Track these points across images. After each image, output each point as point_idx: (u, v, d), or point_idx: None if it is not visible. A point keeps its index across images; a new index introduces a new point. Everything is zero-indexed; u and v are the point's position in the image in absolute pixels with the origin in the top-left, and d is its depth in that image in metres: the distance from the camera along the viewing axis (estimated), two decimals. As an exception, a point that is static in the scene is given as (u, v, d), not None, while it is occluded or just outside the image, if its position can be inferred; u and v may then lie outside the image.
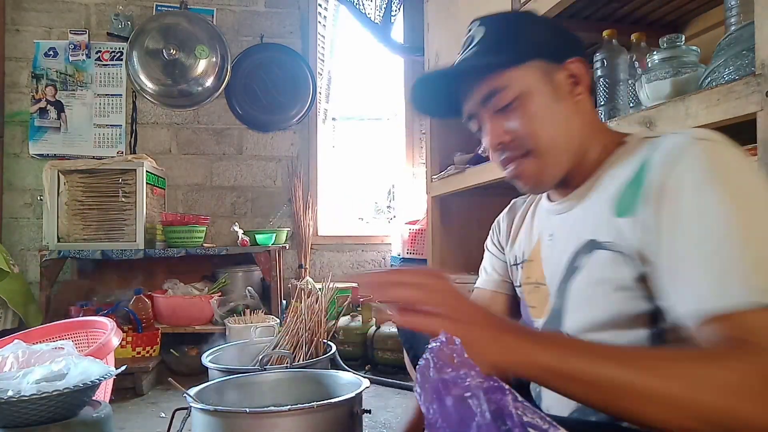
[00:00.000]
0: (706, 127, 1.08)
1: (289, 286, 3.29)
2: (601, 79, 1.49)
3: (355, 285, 3.31)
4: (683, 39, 1.30)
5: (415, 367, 1.15)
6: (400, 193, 3.89)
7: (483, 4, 2.05)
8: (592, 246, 0.84)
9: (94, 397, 1.43)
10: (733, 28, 1.16)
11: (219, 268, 3.17)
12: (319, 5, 3.85)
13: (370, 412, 1.36)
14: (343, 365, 2.30)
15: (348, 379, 1.50)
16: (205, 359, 1.81)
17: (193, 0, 3.43)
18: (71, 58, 3.31)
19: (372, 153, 4.82)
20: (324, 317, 1.99)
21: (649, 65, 1.33)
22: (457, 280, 2.35)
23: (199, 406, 1.24)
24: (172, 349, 2.72)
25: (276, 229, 3.28)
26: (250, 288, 3.05)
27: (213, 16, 3.46)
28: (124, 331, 2.50)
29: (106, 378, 1.40)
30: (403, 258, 3.19)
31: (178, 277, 3.10)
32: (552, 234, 0.96)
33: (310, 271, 3.50)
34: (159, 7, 3.40)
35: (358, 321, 2.80)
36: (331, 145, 4.76)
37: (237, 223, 3.20)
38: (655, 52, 1.32)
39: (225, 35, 3.43)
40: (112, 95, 3.36)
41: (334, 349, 1.94)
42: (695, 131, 0.77)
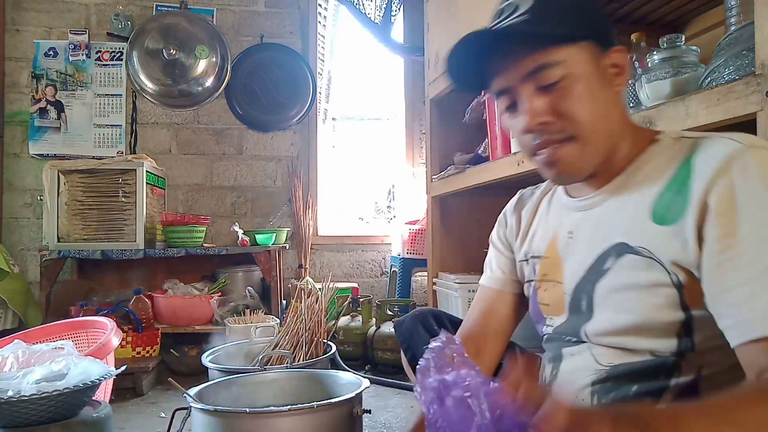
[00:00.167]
0: (705, 127, 1.08)
1: (289, 286, 3.29)
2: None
3: (355, 285, 3.31)
4: (683, 39, 1.30)
5: (413, 368, 1.15)
6: (400, 193, 3.89)
7: (483, 4, 2.04)
8: (623, 249, 0.81)
9: (94, 397, 1.44)
10: (733, 28, 1.16)
11: (219, 268, 3.17)
12: (319, 5, 3.85)
13: (370, 412, 1.37)
14: (343, 365, 2.30)
15: (348, 379, 1.50)
16: (205, 359, 1.81)
17: (193, 0, 3.43)
18: (71, 58, 3.31)
19: (372, 153, 4.82)
20: (324, 317, 1.99)
21: (649, 65, 1.33)
22: (457, 280, 2.31)
23: (199, 406, 1.25)
24: (172, 349, 2.72)
25: (276, 229, 3.28)
26: (250, 288, 3.05)
27: (213, 16, 3.46)
28: (124, 331, 2.50)
29: (106, 378, 1.40)
30: (403, 258, 3.19)
31: (178, 277, 3.10)
32: (572, 231, 0.92)
33: (310, 271, 3.50)
34: (159, 7, 3.40)
35: (358, 321, 2.80)
36: (331, 145, 4.76)
37: (237, 223, 3.19)
38: (655, 52, 1.32)
39: (225, 35, 3.43)
40: (112, 95, 3.35)
41: (334, 349, 1.95)
42: (748, 138, 0.74)
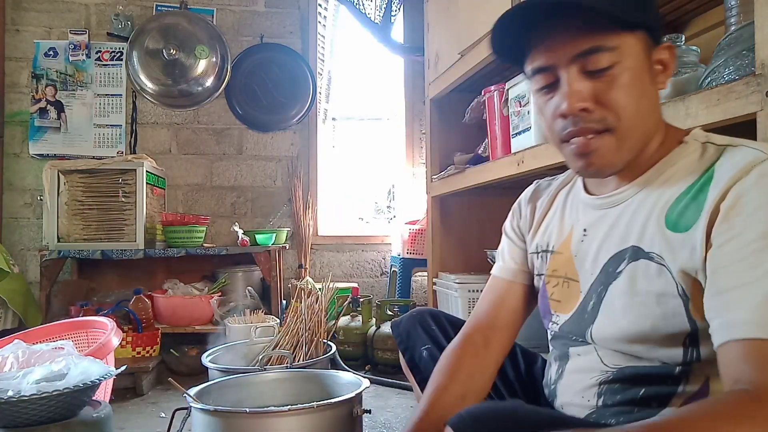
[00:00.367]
0: (705, 127, 1.08)
1: (289, 286, 3.29)
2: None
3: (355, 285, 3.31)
4: (683, 39, 1.31)
5: (411, 368, 1.15)
6: (400, 193, 3.89)
7: (483, 4, 2.04)
8: (636, 254, 0.80)
9: (94, 397, 1.44)
10: (733, 28, 1.16)
11: (219, 268, 3.17)
12: (319, 5, 3.85)
13: (370, 412, 1.37)
14: (343, 365, 2.30)
15: (348, 379, 1.50)
16: (205, 359, 1.81)
17: (193, 0, 3.43)
18: (71, 58, 3.31)
19: (372, 153, 4.82)
20: (324, 317, 1.99)
21: (649, 65, 1.33)
22: (457, 281, 2.32)
23: (199, 406, 1.25)
24: (172, 349, 2.72)
25: (276, 229, 3.28)
26: (250, 288, 3.05)
27: (213, 16, 3.46)
28: (124, 331, 2.50)
29: (106, 378, 1.40)
30: (403, 258, 3.19)
31: (178, 277, 3.10)
32: (586, 229, 0.91)
33: (310, 271, 3.50)
34: (159, 7, 3.40)
35: (358, 321, 2.80)
36: (331, 145, 4.76)
37: (237, 223, 3.19)
38: (655, 52, 1.31)
39: (225, 35, 3.43)
40: (112, 95, 3.35)
41: (334, 349, 1.95)
42: None
